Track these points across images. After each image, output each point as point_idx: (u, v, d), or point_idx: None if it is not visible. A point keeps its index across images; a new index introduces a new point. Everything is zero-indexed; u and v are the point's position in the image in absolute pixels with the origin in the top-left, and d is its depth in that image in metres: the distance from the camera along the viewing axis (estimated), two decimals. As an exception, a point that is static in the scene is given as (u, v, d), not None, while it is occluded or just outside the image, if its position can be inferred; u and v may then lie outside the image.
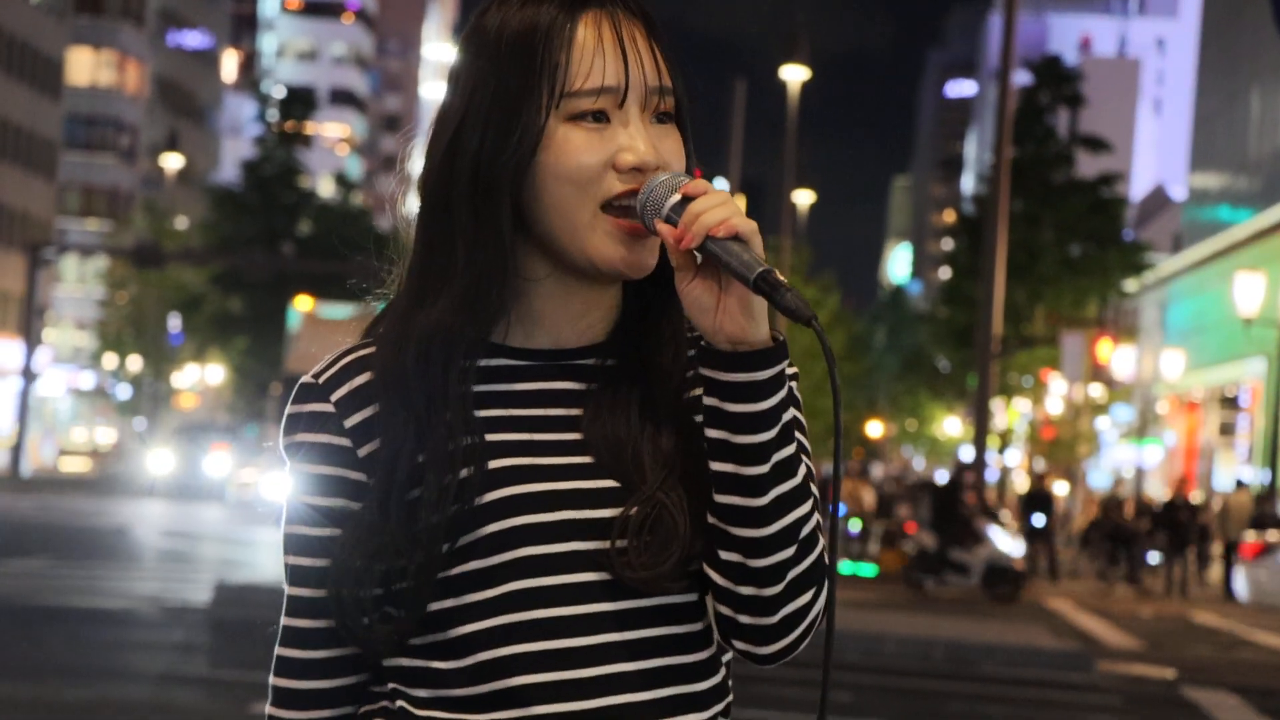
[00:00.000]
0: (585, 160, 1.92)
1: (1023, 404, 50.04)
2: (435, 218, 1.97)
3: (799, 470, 1.93)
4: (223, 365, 68.69)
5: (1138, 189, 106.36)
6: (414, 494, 1.91)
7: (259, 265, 58.35)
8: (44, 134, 74.85)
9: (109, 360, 74.30)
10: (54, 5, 75.25)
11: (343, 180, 67.60)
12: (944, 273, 65.34)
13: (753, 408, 1.89)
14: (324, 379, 1.97)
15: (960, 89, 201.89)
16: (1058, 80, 46.16)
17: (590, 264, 1.93)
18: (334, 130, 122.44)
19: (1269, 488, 36.12)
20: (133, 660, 14.20)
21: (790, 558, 1.92)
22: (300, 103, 62.25)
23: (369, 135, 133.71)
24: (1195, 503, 36.25)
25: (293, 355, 35.23)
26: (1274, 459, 37.76)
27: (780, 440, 1.91)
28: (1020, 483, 54.55)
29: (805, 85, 40.18)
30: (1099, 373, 47.62)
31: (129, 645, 15.14)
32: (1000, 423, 45.20)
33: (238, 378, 67.11)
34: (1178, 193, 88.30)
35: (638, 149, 1.93)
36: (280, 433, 2.00)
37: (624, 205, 1.92)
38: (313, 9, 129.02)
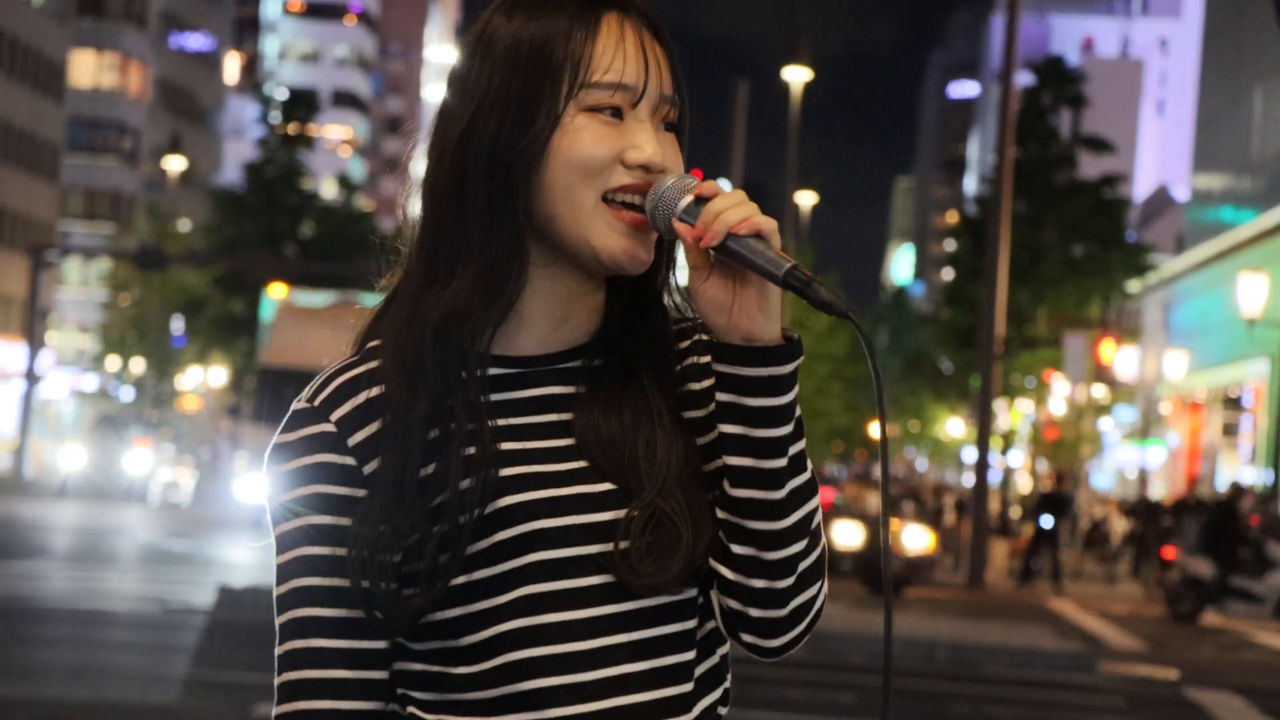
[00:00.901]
0: (597, 151, 1.94)
1: (1026, 405, 50.01)
2: (445, 210, 1.97)
3: (808, 465, 1.97)
4: (225, 367, 68.67)
5: (1141, 190, 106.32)
6: (432, 495, 1.92)
7: (262, 267, 58.34)
8: (46, 137, 74.87)
9: (112, 363, 74.29)
10: (56, 8, 75.27)
11: (345, 182, 67.60)
12: (946, 274, 65.27)
13: (773, 402, 1.92)
14: (319, 401, 1.96)
15: (963, 90, 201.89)
16: (1060, 81, 46.13)
17: (592, 253, 1.95)
18: (336, 132, 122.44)
19: (1272, 488, 36.10)
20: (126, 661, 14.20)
21: (802, 550, 1.95)
22: (302, 105, 62.22)
23: (371, 137, 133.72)
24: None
25: (270, 347, 32.50)
26: (1277, 459, 37.74)
27: (795, 434, 1.94)
28: (1023, 484, 54.58)
29: (807, 86, 40.19)
30: (1102, 374, 47.61)
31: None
32: (1003, 424, 45.17)
33: (240, 380, 67.09)
34: (1181, 193, 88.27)
35: (647, 148, 1.95)
36: (269, 459, 1.97)
37: (625, 201, 1.95)
38: (315, 11, 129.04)
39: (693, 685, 1.98)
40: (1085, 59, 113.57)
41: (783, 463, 1.93)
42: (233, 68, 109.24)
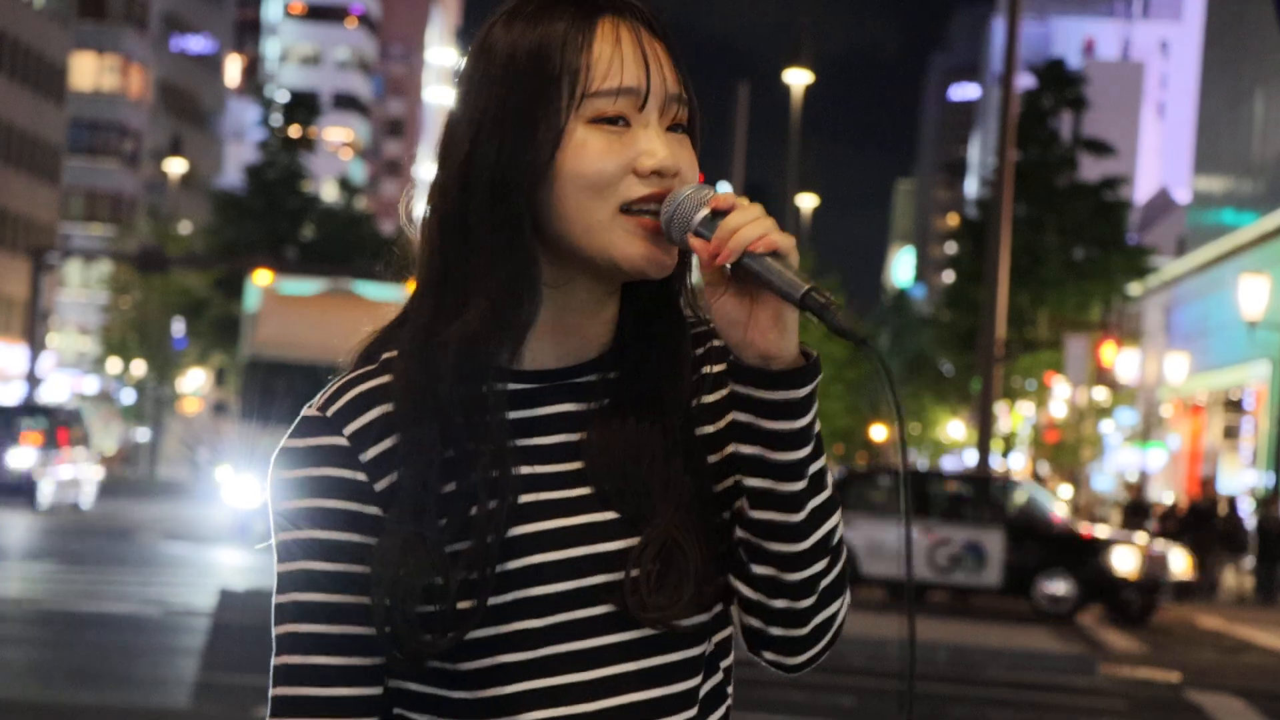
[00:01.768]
0: (605, 165, 1.88)
1: (1026, 407, 50.03)
2: (451, 233, 1.91)
3: (829, 482, 1.92)
4: (226, 369, 68.69)
5: (1141, 192, 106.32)
6: (442, 522, 1.87)
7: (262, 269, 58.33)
8: (47, 139, 74.90)
9: (113, 365, 74.32)
10: (57, 10, 75.30)
11: (346, 185, 67.64)
12: (947, 276, 65.29)
13: (791, 425, 1.88)
14: (332, 412, 1.90)
15: (964, 92, 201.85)
16: (1061, 84, 46.17)
17: (612, 263, 1.89)
18: (337, 135, 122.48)
19: (1273, 491, 36.09)
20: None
21: (823, 569, 1.92)
22: (303, 107, 62.25)
23: (372, 140, 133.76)
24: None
25: (257, 336, 29.55)
26: (1279, 462, 37.73)
27: (814, 454, 1.90)
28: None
29: (808, 88, 40.19)
30: (1103, 376, 47.62)
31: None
32: (1004, 426, 45.19)
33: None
34: (1181, 196, 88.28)
35: (658, 153, 1.89)
36: (275, 463, 1.91)
37: (644, 209, 1.89)
38: (316, 14, 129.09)
39: (697, 709, 1.95)
40: (1086, 61, 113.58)
41: (802, 485, 1.89)
42: (234, 70, 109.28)
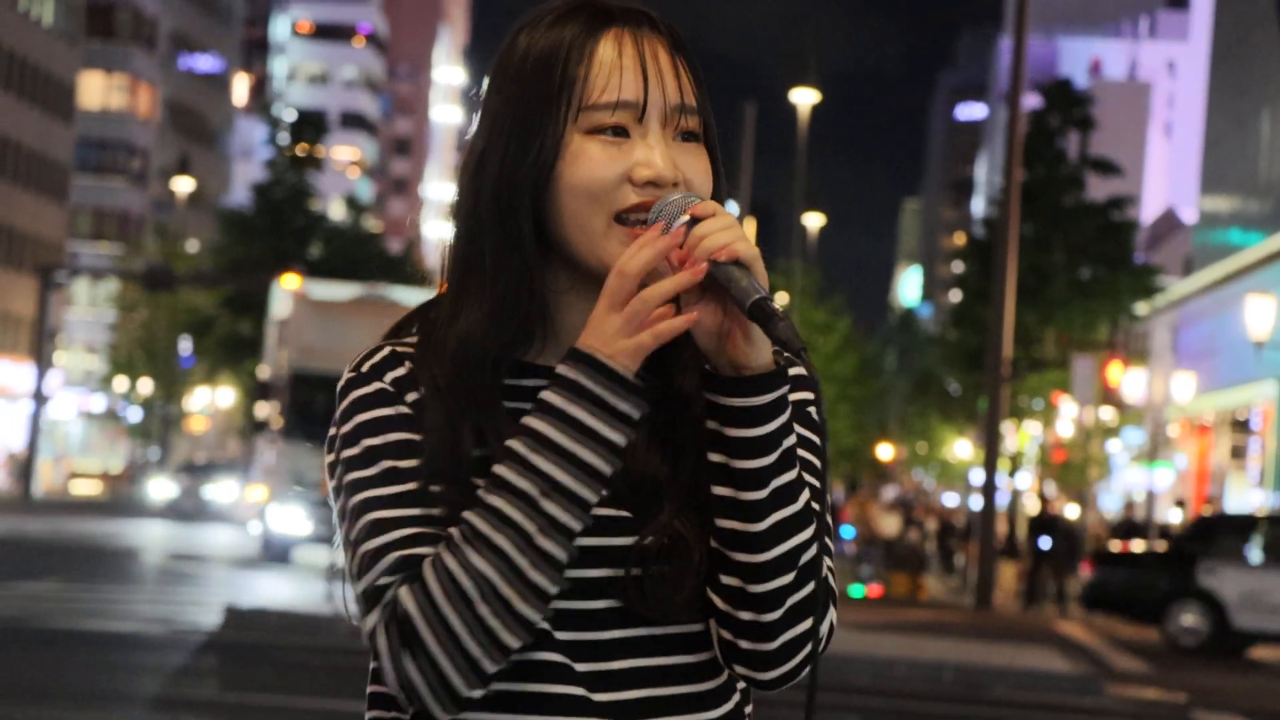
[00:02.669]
0: (601, 173, 1.92)
1: (1033, 427, 49.95)
2: (467, 237, 1.98)
3: (800, 496, 1.92)
4: (233, 388, 68.72)
5: (1148, 212, 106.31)
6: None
7: (269, 288, 58.38)
8: (55, 157, 75.03)
9: (120, 383, 74.39)
10: (66, 29, 75.45)
11: (353, 203, 67.69)
12: (954, 295, 65.24)
13: (750, 433, 1.89)
14: (368, 367, 1.97)
15: (970, 112, 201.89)
16: (1068, 103, 46.16)
17: (606, 269, 1.92)
18: (345, 154, 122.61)
19: (1280, 511, 36.05)
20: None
21: (790, 584, 1.92)
22: (311, 126, 62.34)
23: (380, 158, 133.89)
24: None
25: (301, 348, 27.77)
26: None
27: (780, 466, 1.90)
28: (1031, 506, 54.51)
29: (815, 108, 40.27)
30: (1110, 396, 47.58)
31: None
32: (1011, 445, 45.14)
33: (248, 401, 67.15)
34: (1188, 216, 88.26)
35: (654, 163, 1.93)
36: (336, 423, 1.96)
37: (639, 219, 1.92)
38: (324, 33, 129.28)
39: (717, 713, 1.97)
40: (1093, 81, 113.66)
41: (763, 495, 1.89)
42: (241, 89, 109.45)
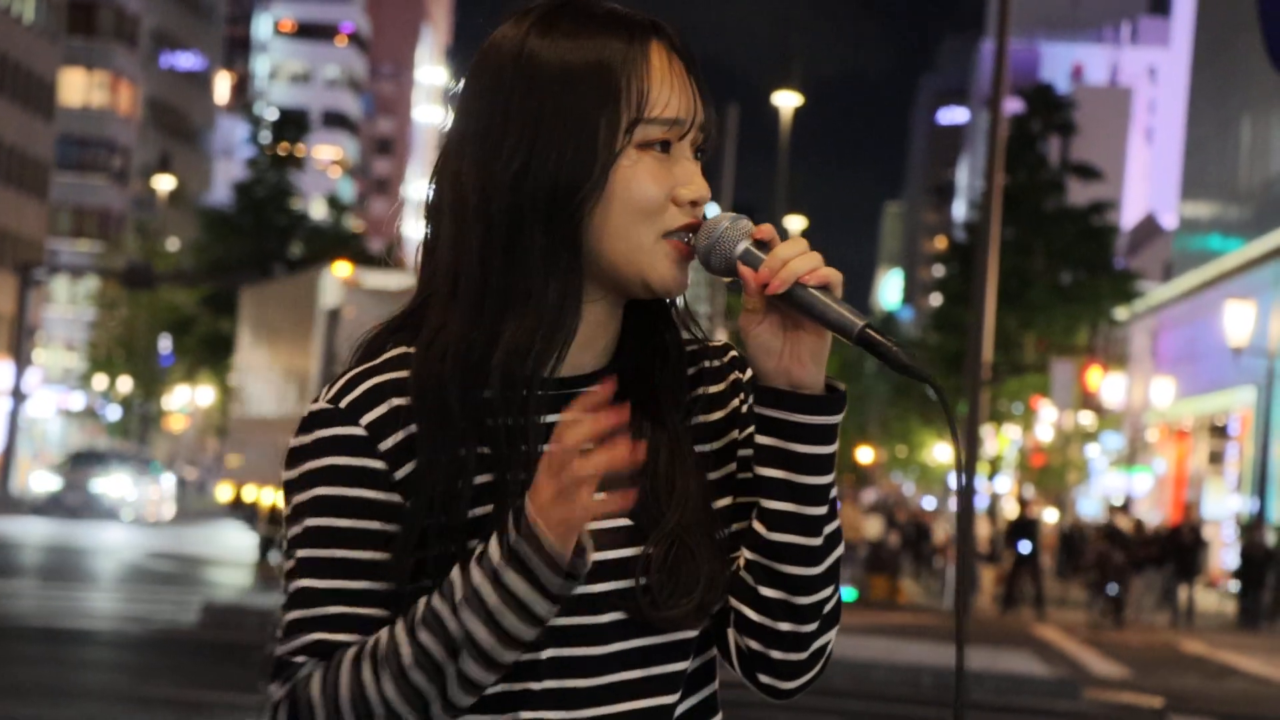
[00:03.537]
0: (654, 191, 1.92)
1: (1013, 431, 50.06)
2: (496, 248, 1.91)
3: (838, 508, 1.97)
4: (213, 387, 68.58)
5: (1129, 217, 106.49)
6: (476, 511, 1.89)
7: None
8: (36, 155, 74.81)
9: (99, 381, 74.18)
10: (47, 26, 75.26)
11: (335, 203, 67.60)
12: (935, 299, 65.33)
13: (821, 450, 1.93)
14: (345, 404, 1.90)
15: (952, 116, 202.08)
16: (1049, 108, 46.30)
17: (645, 285, 1.93)
18: (326, 153, 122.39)
19: (1257, 517, 36.13)
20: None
21: (829, 594, 1.96)
22: (293, 125, 62.25)
23: (361, 158, 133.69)
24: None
25: (353, 335, 26.39)
26: (1263, 488, 37.78)
27: (834, 480, 1.95)
28: (1010, 510, 54.59)
29: (798, 110, 40.28)
30: (1089, 400, 47.71)
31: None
32: (990, 449, 45.22)
33: (228, 400, 67.02)
34: (1168, 221, 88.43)
35: (696, 184, 1.94)
36: (286, 463, 1.91)
37: (680, 236, 1.93)
38: (306, 31, 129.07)
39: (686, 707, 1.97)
40: (1074, 86, 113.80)
41: (823, 510, 1.93)
42: (223, 87, 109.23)
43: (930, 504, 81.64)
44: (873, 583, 32.59)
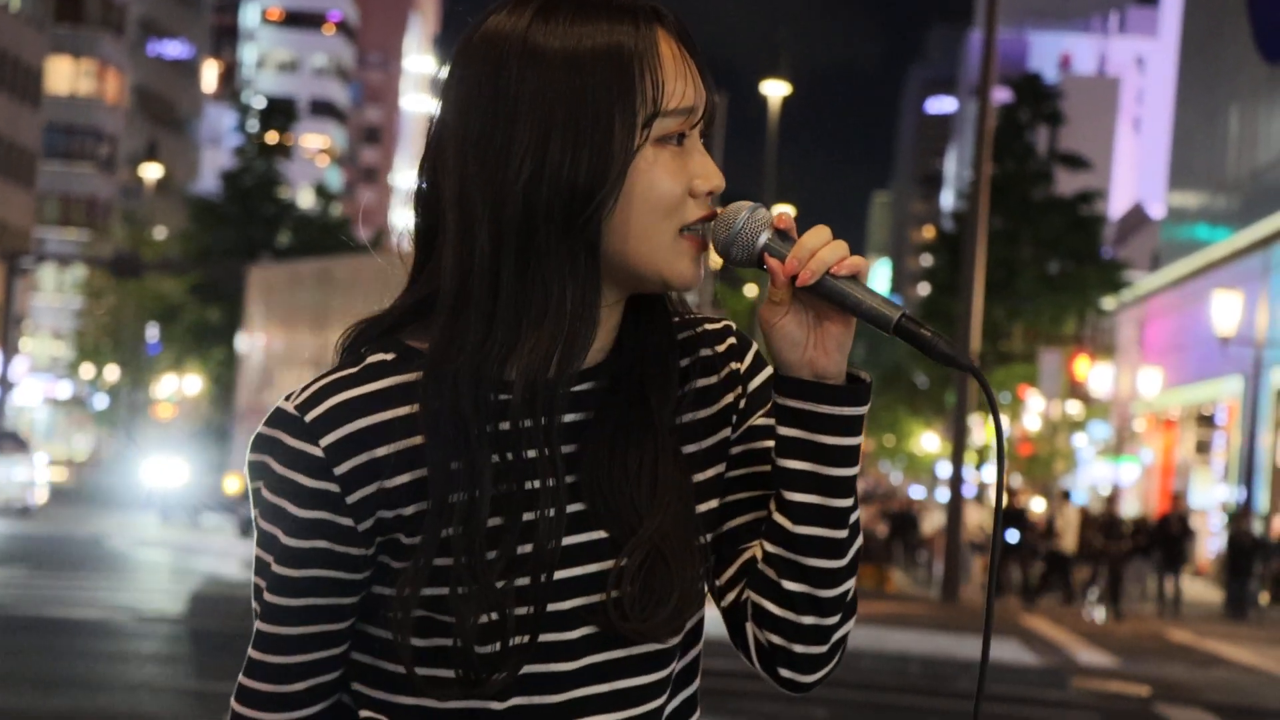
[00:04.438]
0: (674, 187, 1.85)
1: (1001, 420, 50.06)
2: (510, 253, 1.82)
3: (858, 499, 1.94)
4: (200, 376, 68.53)
5: (1116, 207, 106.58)
6: (491, 555, 1.84)
7: (238, 276, 58.23)
8: (23, 143, 74.70)
9: (86, 370, 74.12)
10: (34, 14, 75.11)
11: (323, 191, 67.51)
12: (923, 289, 65.40)
13: (850, 441, 1.90)
14: (310, 418, 1.83)
15: (941, 105, 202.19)
16: (1037, 98, 46.28)
17: (661, 280, 1.87)
18: (314, 141, 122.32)
19: (1243, 506, 36.19)
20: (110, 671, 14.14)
21: (851, 586, 1.94)
22: (280, 114, 62.14)
23: (349, 147, 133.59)
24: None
25: None
26: (1250, 477, 37.84)
27: (859, 471, 1.92)
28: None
29: (786, 99, 40.26)
30: (1076, 390, 47.76)
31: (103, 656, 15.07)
32: (978, 439, 45.24)
33: (215, 389, 66.97)
34: (1156, 211, 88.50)
35: (711, 174, 1.88)
36: (251, 449, 1.85)
37: (696, 229, 1.88)
38: (294, 20, 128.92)
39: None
40: (1062, 76, 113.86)
41: (850, 501, 1.91)
42: (210, 76, 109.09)
43: (919, 493, 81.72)
44: (861, 571, 32.64)
